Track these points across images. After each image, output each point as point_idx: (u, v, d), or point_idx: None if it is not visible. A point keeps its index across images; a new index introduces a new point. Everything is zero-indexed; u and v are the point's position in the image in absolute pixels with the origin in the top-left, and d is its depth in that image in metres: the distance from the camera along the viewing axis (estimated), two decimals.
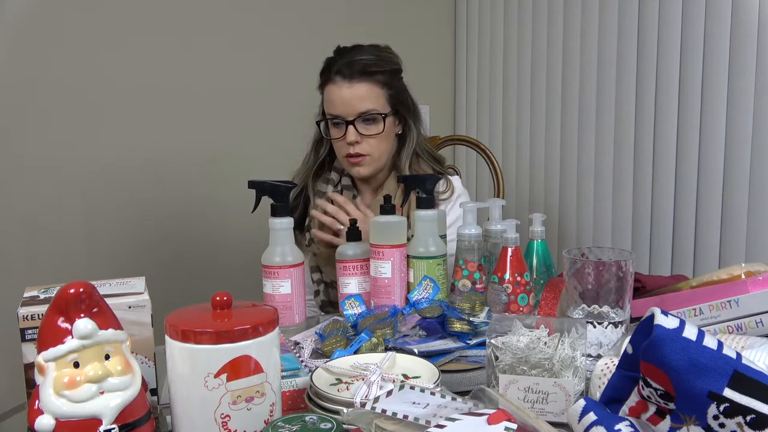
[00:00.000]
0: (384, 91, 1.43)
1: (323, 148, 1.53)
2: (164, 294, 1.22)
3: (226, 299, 0.75)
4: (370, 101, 1.41)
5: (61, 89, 1.77)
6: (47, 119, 1.76)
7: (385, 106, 1.44)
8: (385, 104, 1.44)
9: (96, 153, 1.84)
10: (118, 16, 1.84)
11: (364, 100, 1.41)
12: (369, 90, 1.41)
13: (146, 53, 1.89)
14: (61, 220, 1.80)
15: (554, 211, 2.24)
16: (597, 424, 0.68)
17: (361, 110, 1.41)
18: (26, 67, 1.72)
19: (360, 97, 1.40)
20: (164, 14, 1.91)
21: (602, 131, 2.06)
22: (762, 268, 1.03)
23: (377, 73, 1.42)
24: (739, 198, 1.72)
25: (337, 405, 0.77)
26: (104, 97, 1.83)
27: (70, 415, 0.65)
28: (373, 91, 1.42)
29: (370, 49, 1.45)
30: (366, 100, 1.41)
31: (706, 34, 1.76)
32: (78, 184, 1.82)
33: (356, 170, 1.46)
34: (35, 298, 0.80)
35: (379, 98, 1.43)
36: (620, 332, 0.95)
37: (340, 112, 1.42)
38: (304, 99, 1.58)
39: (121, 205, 1.89)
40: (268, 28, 2.10)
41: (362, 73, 1.41)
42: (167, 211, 1.97)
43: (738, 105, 1.71)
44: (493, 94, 2.44)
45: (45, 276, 1.70)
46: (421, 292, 1.14)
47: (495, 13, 2.40)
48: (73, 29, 1.78)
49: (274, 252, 1.17)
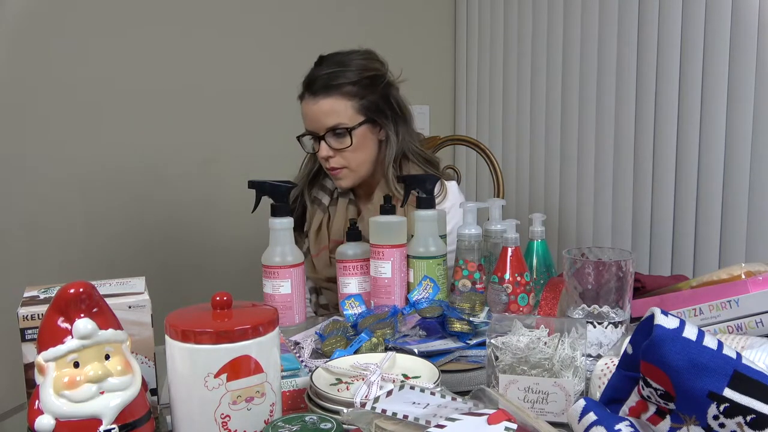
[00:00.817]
0: (353, 102, 1.40)
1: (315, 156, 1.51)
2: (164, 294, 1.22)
3: (226, 299, 0.75)
4: (335, 115, 1.39)
5: (61, 89, 1.77)
6: (47, 119, 1.76)
7: (354, 117, 1.40)
8: (355, 115, 1.40)
9: (96, 153, 1.84)
10: (119, 16, 1.84)
11: (328, 115, 1.38)
12: (333, 104, 1.38)
13: (146, 53, 1.89)
14: (61, 220, 1.80)
15: (554, 211, 2.24)
16: (597, 424, 0.68)
17: (328, 125, 1.39)
18: (26, 67, 1.72)
19: (324, 112, 1.39)
20: (164, 14, 1.91)
21: (602, 131, 2.06)
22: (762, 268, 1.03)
23: (343, 84, 1.39)
24: (739, 198, 1.72)
25: (337, 405, 0.77)
26: (104, 97, 1.84)
27: (70, 415, 0.65)
28: (339, 104, 1.39)
29: (339, 59, 1.42)
30: (330, 115, 1.38)
31: (706, 34, 1.76)
32: (78, 184, 1.82)
33: (338, 183, 1.46)
34: (35, 298, 0.80)
35: (347, 110, 1.39)
36: (620, 332, 0.95)
37: (311, 128, 1.42)
38: None
39: (121, 205, 1.89)
40: (268, 28, 2.10)
41: (326, 88, 1.38)
42: (167, 211, 1.97)
43: (738, 105, 1.70)
44: (493, 94, 2.44)
45: (45, 276, 1.70)
46: (421, 292, 1.14)
47: (495, 13, 2.40)
48: (73, 29, 1.78)
49: (274, 252, 1.17)
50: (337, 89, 1.39)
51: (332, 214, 1.48)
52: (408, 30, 2.38)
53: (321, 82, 1.39)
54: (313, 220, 1.48)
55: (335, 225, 1.46)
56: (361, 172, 1.45)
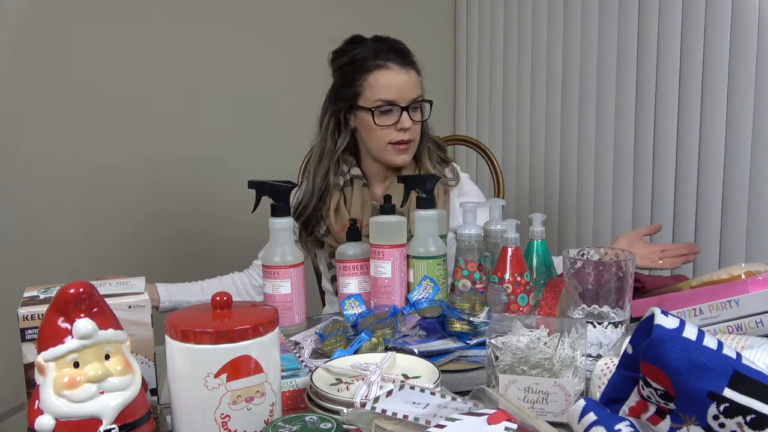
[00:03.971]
0: (420, 80, 1.47)
1: (340, 138, 1.49)
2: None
3: (226, 299, 0.75)
4: (418, 88, 1.45)
5: (62, 89, 1.77)
6: (47, 119, 1.76)
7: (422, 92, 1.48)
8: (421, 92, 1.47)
9: (96, 153, 1.84)
10: (119, 16, 1.84)
11: (416, 85, 1.44)
12: (416, 78, 1.45)
13: (147, 53, 1.89)
14: (61, 220, 1.80)
15: (554, 211, 2.25)
16: (597, 424, 0.68)
17: (414, 96, 1.43)
18: (26, 67, 1.72)
19: (415, 83, 1.44)
20: (165, 14, 1.91)
21: (602, 131, 2.06)
22: (762, 268, 1.03)
23: (416, 62, 1.46)
24: (739, 198, 1.72)
25: (337, 405, 0.77)
26: (104, 97, 1.83)
27: (70, 415, 0.65)
28: (418, 79, 1.46)
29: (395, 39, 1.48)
30: (417, 86, 1.44)
31: (706, 34, 1.76)
32: (78, 184, 1.82)
33: (402, 158, 1.46)
34: (35, 298, 0.80)
35: (420, 86, 1.46)
36: (620, 332, 0.95)
37: (395, 98, 1.41)
38: (305, 99, 1.57)
39: (122, 205, 1.89)
40: (269, 28, 2.10)
41: (412, 62, 1.44)
42: (167, 211, 1.97)
43: (738, 105, 1.71)
44: (493, 94, 2.44)
45: (45, 276, 1.70)
46: (421, 292, 1.14)
47: (495, 13, 2.40)
48: (73, 28, 1.78)
49: (274, 252, 1.17)
50: (415, 64, 1.46)
51: (348, 195, 1.47)
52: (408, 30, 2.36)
53: (408, 55, 1.44)
54: (330, 201, 1.47)
55: (353, 205, 1.46)
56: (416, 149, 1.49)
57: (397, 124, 1.41)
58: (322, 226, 1.47)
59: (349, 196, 1.47)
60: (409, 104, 1.42)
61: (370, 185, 1.51)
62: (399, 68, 1.42)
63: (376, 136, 1.44)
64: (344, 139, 1.49)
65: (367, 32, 1.47)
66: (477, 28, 2.48)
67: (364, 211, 1.44)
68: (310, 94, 1.53)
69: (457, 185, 1.52)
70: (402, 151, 1.44)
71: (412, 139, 1.44)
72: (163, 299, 1.41)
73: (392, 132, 1.42)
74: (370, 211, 1.44)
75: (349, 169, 1.50)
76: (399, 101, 1.41)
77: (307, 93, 1.56)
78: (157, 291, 1.41)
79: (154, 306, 1.38)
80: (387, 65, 1.41)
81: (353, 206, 1.45)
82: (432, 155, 1.52)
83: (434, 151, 1.53)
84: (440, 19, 2.54)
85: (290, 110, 1.51)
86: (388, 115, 1.42)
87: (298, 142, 1.69)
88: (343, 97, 1.45)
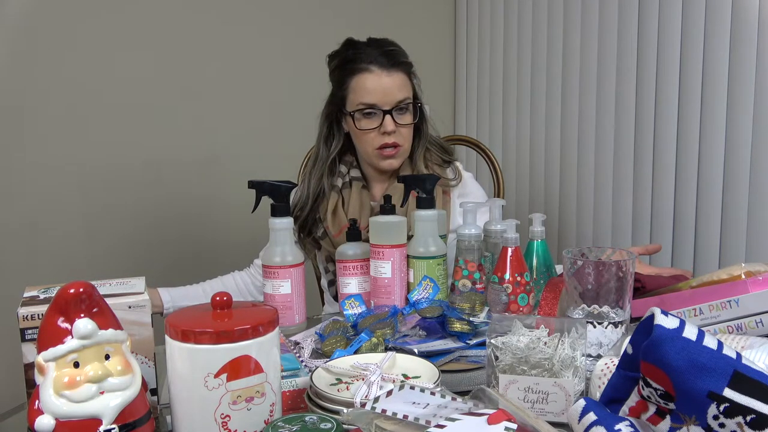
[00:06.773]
0: (410, 81, 1.44)
1: (334, 142, 1.48)
2: None
3: (226, 299, 0.75)
4: (405, 90, 1.41)
5: (62, 89, 1.77)
6: (47, 119, 1.76)
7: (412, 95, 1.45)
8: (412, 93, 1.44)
9: (96, 153, 1.84)
10: (120, 16, 1.84)
11: (401, 88, 1.40)
12: (403, 79, 1.41)
13: (148, 52, 1.89)
14: (61, 220, 1.80)
15: (554, 211, 2.25)
16: (597, 424, 0.68)
17: (399, 99, 1.40)
18: (26, 67, 1.72)
19: (398, 86, 1.40)
20: (166, 14, 1.91)
21: (602, 131, 2.06)
22: (762, 268, 1.03)
23: (406, 63, 1.43)
24: (739, 198, 1.72)
25: (337, 405, 0.77)
26: (105, 97, 1.84)
27: (70, 415, 0.65)
28: (406, 81, 1.42)
29: (391, 41, 1.45)
30: (402, 89, 1.41)
31: (706, 34, 1.76)
32: (78, 184, 1.82)
33: (389, 162, 1.43)
34: (35, 298, 0.80)
35: (409, 88, 1.43)
36: (620, 332, 0.95)
37: (377, 101, 1.39)
38: (305, 99, 1.57)
39: (122, 205, 1.89)
40: (269, 29, 2.10)
41: (398, 63, 1.41)
42: (167, 211, 1.97)
43: (738, 105, 1.71)
44: (493, 94, 2.44)
45: (45, 276, 1.70)
46: (421, 292, 1.14)
47: (495, 13, 2.40)
48: (73, 28, 1.78)
49: (274, 252, 1.17)
50: (405, 66, 1.43)
51: (346, 197, 1.46)
52: (408, 30, 2.37)
53: (394, 57, 1.41)
54: (328, 203, 1.46)
55: (351, 207, 1.45)
56: (408, 153, 1.46)
57: (380, 128, 1.39)
58: (320, 228, 1.47)
59: (347, 198, 1.46)
60: (392, 107, 1.39)
61: (369, 187, 1.50)
62: (381, 70, 1.39)
63: (362, 141, 1.43)
64: (337, 143, 1.48)
65: (367, 33, 1.47)
66: (477, 28, 2.48)
67: (362, 214, 1.43)
68: (310, 94, 1.53)
69: (459, 185, 1.50)
70: (387, 156, 1.42)
71: (400, 144, 1.41)
72: (167, 305, 1.39)
73: (377, 136, 1.40)
74: (368, 214, 1.43)
75: (349, 170, 1.50)
76: (381, 104, 1.39)
77: (307, 94, 1.56)
78: (160, 296, 1.39)
79: (158, 312, 1.37)
80: (369, 68, 1.39)
81: (351, 209, 1.44)
82: (431, 157, 1.49)
83: (435, 153, 1.50)
84: (440, 19, 2.54)
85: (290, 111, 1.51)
86: (370, 118, 1.40)
87: (298, 142, 1.69)
88: (334, 101, 1.45)
